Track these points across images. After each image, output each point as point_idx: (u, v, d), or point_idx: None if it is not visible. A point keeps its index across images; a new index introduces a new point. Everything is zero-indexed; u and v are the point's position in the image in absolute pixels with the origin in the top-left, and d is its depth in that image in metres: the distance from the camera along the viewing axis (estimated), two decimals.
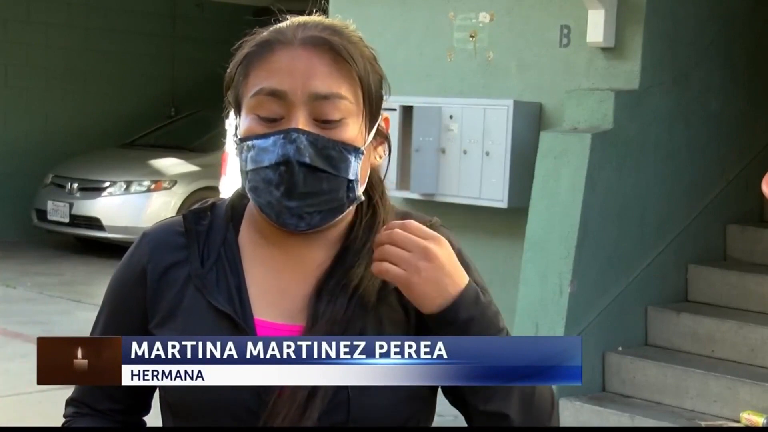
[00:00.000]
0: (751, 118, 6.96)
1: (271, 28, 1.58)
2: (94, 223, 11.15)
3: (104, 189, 11.22)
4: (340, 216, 1.57)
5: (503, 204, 6.50)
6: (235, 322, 1.55)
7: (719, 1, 6.69)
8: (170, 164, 11.60)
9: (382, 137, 1.63)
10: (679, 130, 6.51)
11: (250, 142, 1.54)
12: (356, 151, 1.54)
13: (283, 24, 1.58)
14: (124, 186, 11.23)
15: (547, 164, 6.12)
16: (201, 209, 1.65)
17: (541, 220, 6.10)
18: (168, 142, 12.39)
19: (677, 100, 6.46)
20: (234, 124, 1.60)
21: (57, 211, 11.29)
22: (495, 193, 6.51)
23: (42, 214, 11.48)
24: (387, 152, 1.65)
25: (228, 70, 1.60)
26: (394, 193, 6.39)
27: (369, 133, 1.58)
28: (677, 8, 6.40)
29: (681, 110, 6.50)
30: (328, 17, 1.62)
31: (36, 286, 9.64)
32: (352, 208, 1.59)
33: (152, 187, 11.25)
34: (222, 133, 9.70)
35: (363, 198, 1.59)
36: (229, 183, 8.14)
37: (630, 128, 6.19)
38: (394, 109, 6.65)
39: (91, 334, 1.68)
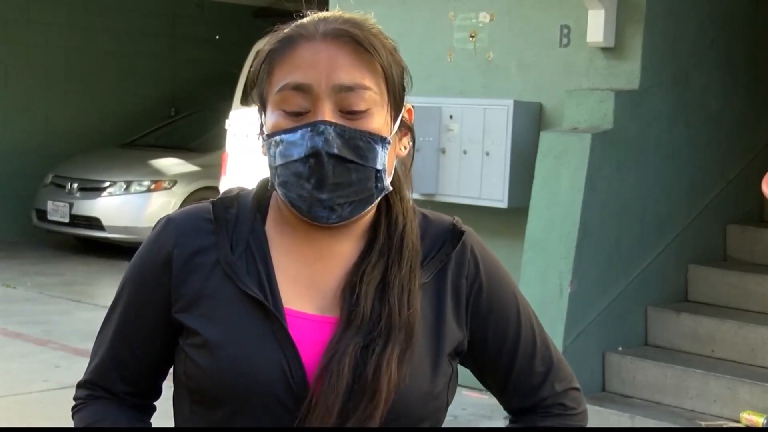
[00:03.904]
0: (751, 118, 6.96)
1: (293, 24, 1.60)
2: (94, 223, 11.15)
3: (104, 189, 11.22)
4: (370, 207, 1.59)
5: (503, 204, 6.50)
6: (266, 310, 1.55)
7: (719, 2, 6.69)
8: (170, 164, 11.59)
9: (406, 128, 1.65)
10: (679, 130, 6.51)
11: (278, 137, 1.55)
12: (383, 140, 1.56)
13: (304, 19, 1.60)
14: (124, 186, 11.22)
15: (547, 164, 6.12)
16: (228, 198, 1.65)
17: (541, 220, 6.10)
18: (168, 142, 12.39)
19: (677, 100, 6.46)
20: (259, 122, 1.61)
21: (57, 211, 11.29)
22: (495, 193, 6.51)
23: (42, 214, 11.48)
24: (411, 143, 1.67)
25: (252, 68, 1.62)
26: None
27: (394, 124, 1.59)
28: (677, 8, 6.40)
29: (681, 110, 6.50)
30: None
31: (36, 286, 9.64)
32: (379, 199, 1.60)
33: (152, 187, 11.25)
34: (222, 133, 9.70)
35: (391, 188, 1.60)
36: (230, 183, 8.13)
37: (630, 128, 6.19)
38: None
39: (108, 317, 1.68)
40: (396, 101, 1.60)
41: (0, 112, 12.41)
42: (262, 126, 1.60)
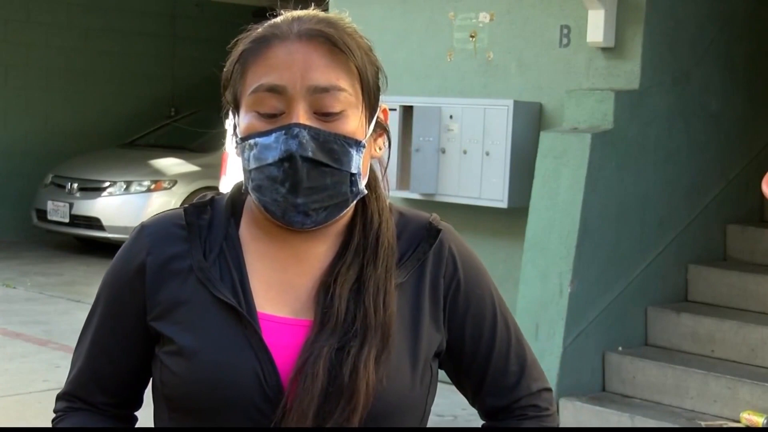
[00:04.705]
0: (751, 118, 6.97)
1: (266, 24, 1.57)
2: (94, 223, 11.15)
3: (104, 189, 11.22)
4: (345, 211, 1.57)
5: (503, 204, 6.50)
6: (239, 315, 1.53)
7: (719, 2, 6.69)
8: (170, 164, 11.60)
9: (382, 129, 1.62)
10: (679, 130, 6.51)
11: (252, 140, 1.52)
12: (358, 144, 1.54)
13: (278, 19, 1.57)
14: (124, 186, 11.23)
15: (547, 164, 6.12)
16: (201, 204, 1.63)
17: (541, 220, 6.10)
18: (168, 142, 12.39)
19: (677, 100, 6.46)
20: (233, 123, 1.59)
21: (57, 211, 11.29)
22: (495, 193, 6.51)
23: (42, 214, 11.48)
24: (387, 144, 1.64)
25: (225, 69, 1.59)
26: (394, 192, 6.41)
27: (369, 125, 1.57)
28: (677, 8, 6.40)
29: (681, 110, 6.50)
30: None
31: (36, 286, 9.64)
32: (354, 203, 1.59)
33: (152, 187, 11.26)
34: (222, 133, 9.70)
35: (366, 192, 1.58)
36: (229, 183, 8.12)
37: (630, 128, 6.19)
38: (394, 109, 6.66)
39: (85, 328, 1.66)
40: (371, 102, 1.57)
41: (0, 112, 12.41)
42: (235, 127, 1.57)
